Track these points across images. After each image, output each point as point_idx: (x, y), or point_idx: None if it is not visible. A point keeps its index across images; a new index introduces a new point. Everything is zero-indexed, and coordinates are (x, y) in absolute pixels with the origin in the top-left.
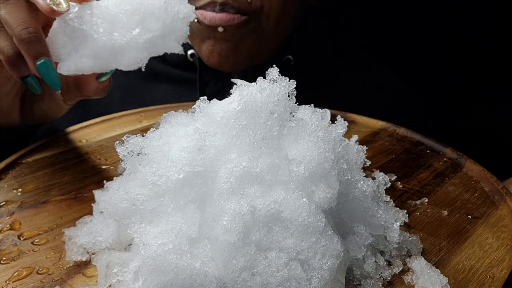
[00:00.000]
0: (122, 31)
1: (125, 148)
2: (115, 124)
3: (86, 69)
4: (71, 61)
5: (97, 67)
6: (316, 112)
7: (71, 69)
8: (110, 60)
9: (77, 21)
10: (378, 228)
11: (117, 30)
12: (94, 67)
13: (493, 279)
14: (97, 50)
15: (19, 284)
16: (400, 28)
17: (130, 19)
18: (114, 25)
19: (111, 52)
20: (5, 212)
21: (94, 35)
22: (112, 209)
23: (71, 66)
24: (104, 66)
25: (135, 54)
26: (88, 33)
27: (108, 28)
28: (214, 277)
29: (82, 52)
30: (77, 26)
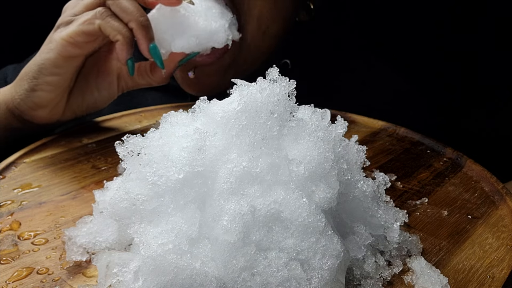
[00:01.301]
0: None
1: (125, 148)
2: (115, 124)
3: (192, 48)
4: (182, 40)
5: (200, 46)
6: (316, 112)
7: (184, 47)
8: (208, 41)
9: (180, 11)
10: (378, 228)
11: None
12: (197, 46)
13: (493, 279)
14: (200, 33)
15: (19, 284)
16: (400, 28)
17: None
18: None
19: (209, 35)
20: (5, 212)
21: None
22: (112, 209)
23: (184, 44)
24: (202, 46)
25: (225, 34)
26: (193, 20)
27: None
28: (214, 277)
29: (190, 33)
30: (180, 15)
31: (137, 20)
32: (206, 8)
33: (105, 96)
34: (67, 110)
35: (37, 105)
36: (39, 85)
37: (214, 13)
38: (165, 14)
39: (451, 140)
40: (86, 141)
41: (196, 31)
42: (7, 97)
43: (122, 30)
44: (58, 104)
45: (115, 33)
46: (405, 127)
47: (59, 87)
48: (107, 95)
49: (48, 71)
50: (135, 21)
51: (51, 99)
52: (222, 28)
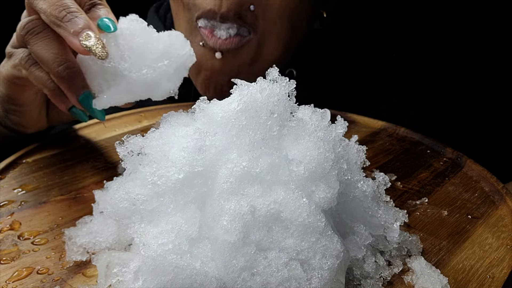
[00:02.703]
0: (152, 65)
1: (125, 148)
2: (115, 124)
3: (121, 103)
4: (106, 97)
5: (132, 99)
6: (316, 112)
7: (108, 105)
8: (144, 94)
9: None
10: (378, 228)
11: (146, 64)
12: (129, 100)
13: (493, 279)
14: (130, 87)
15: (19, 284)
16: (401, 28)
17: (157, 49)
18: (143, 58)
19: (144, 87)
20: (5, 212)
21: (124, 72)
22: (112, 209)
23: (107, 102)
24: (138, 98)
25: (167, 85)
26: (118, 70)
27: (137, 61)
28: (214, 277)
29: (116, 88)
30: (105, 64)
31: (55, 71)
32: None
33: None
34: (49, 120)
35: (17, 125)
36: (9, 111)
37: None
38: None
39: (451, 140)
40: (86, 141)
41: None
42: None
43: (46, 83)
44: (38, 119)
45: (40, 86)
46: (405, 127)
47: (27, 112)
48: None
49: (7, 102)
50: (52, 73)
51: (26, 121)
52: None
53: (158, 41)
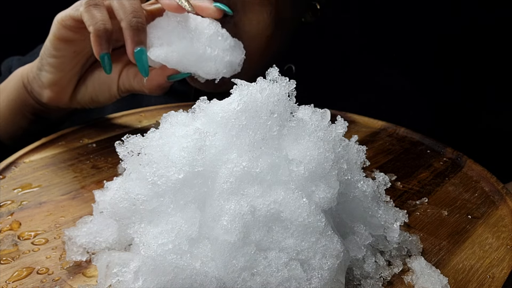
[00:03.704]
0: (215, 48)
1: (125, 148)
2: (115, 124)
3: (171, 63)
4: (163, 50)
5: (180, 65)
6: (316, 112)
7: (160, 57)
8: (193, 65)
9: (184, 24)
10: (378, 228)
11: (211, 46)
12: (178, 64)
13: (493, 279)
14: (188, 52)
15: (19, 284)
16: (401, 28)
17: (224, 42)
18: (211, 42)
19: (198, 59)
20: (5, 212)
21: (191, 41)
22: (112, 209)
23: (161, 54)
24: (186, 66)
25: (216, 66)
26: (187, 37)
27: (205, 41)
28: (214, 277)
29: (175, 47)
30: (181, 28)
31: (128, 20)
32: (214, 33)
33: (105, 93)
34: (73, 97)
35: (43, 85)
36: (43, 65)
37: (219, 41)
38: (168, 23)
39: (451, 140)
40: (86, 141)
41: (183, 48)
42: (24, 72)
43: (95, 22)
44: (64, 88)
45: (88, 23)
46: (405, 127)
47: (59, 69)
48: (107, 93)
49: (48, 52)
50: (125, 20)
51: (54, 81)
52: (217, 60)
53: (224, 36)
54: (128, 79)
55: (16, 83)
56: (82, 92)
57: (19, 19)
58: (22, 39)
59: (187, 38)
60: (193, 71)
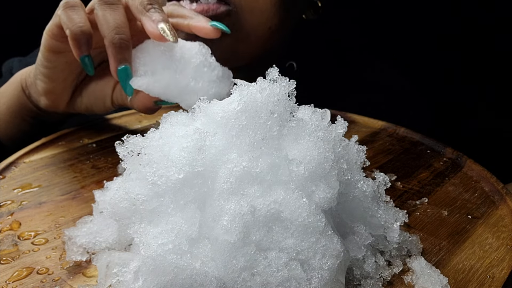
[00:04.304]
0: (200, 80)
1: (125, 148)
2: (115, 124)
3: (153, 93)
4: (145, 81)
5: (163, 95)
6: (316, 112)
7: (142, 87)
8: (176, 96)
9: (168, 54)
10: (378, 228)
11: (196, 78)
12: (160, 94)
13: (493, 279)
14: (171, 83)
15: (19, 284)
16: (401, 28)
17: (211, 73)
18: (196, 73)
19: (181, 91)
20: (5, 212)
21: (175, 72)
22: (112, 209)
23: (143, 84)
24: (168, 97)
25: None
26: (171, 67)
27: (190, 73)
28: (214, 277)
29: (158, 78)
30: (165, 58)
31: (111, 37)
32: (200, 62)
33: (100, 105)
34: (69, 105)
35: (39, 92)
36: (37, 74)
37: (205, 72)
38: (154, 49)
39: (451, 140)
40: (86, 141)
41: (165, 79)
42: (23, 77)
43: (72, 25)
44: (60, 96)
45: (65, 26)
46: (405, 127)
47: (52, 79)
48: (102, 105)
49: (41, 63)
50: (108, 37)
51: (48, 90)
52: (200, 93)
53: (212, 66)
54: (121, 94)
55: (16, 87)
56: (78, 102)
57: (20, 19)
58: (23, 40)
59: (171, 68)
60: (175, 102)
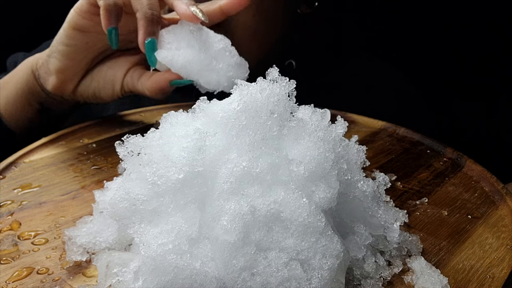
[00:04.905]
0: (221, 61)
1: (125, 148)
2: (115, 124)
3: (175, 66)
4: (170, 53)
5: (184, 70)
6: (316, 112)
7: (166, 59)
8: (197, 72)
9: (195, 34)
10: (378, 228)
11: (217, 59)
12: (181, 69)
13: (493, 279)
14: (194, 60)
15: (19, 284)
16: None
17: (231, 58)
18: (218, 55)
19: (202, 68)
20: (5, 212)
21: (199, 50)
22: (112, 209)
23: (167, 56)
24: (189, 73)
25: (218, 78)
26: (196, 46)
27: (212, 54)
28: (214, 277)
29: (182, 53)
30: (192, 37)
31: (144, 11)
32: (223, 47)
33: (109, 90)
34: (76, 89)
35: (50, 71)
36: (53, 52)
37: (226, 56)
38: (181, 30)
39: (451, 140)
40: (86, 141)
41: (189, 55)
42: (34, 59)
43: None
44: (69, 78)
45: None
46: (405, 127)
47: (68, 58)
48: (110, 90)
49: (61, 40)
50: (141, 11)
51: (61, 68)
52: (220, 72)
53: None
54: (132, 80)
55: (26, 69)
56: (86, 85)
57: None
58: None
59: (196, 47)
60: (195, 79)
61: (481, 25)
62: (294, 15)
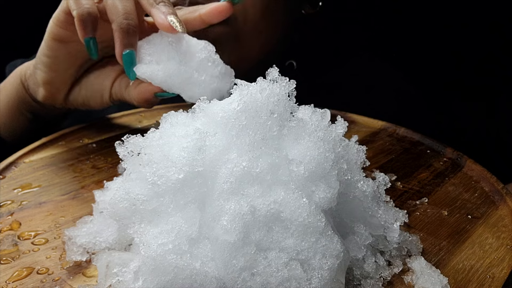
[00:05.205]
0: (203, 73)
1: (125, 148)
2: (115, 124)
3: (155, 81)
4: (149, 68)
5: (165, 85)
6: (316, 112)
7: (145, 74)
8: (178, 86)
9: (174, 45)
10: (378, 228)
11: (199, 71)
12: (162, 83)
13: (493, 279)
14: (174, 73)
15: (19, 284)
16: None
17: (214, 69)
18: (200, 66)
19: (183, 82)
20: (5, 212)
21: (179, 63)
22: (112, 209)
23: (147, 71)
24: (170, 87)
25: (200, 91)
26: (176, 58)
27: (194, 65)
28: (214, 277)
29: (162, 67)
30: (171, 49)
31: (119, 22)
32: (205, 57)
33: (97, 98)
34: (67, 98)
35: (38, 83)
36: (37, 63)
37: (209, 67)
38: (161, 40)
39: (451, 140)
40: (86, 141)
41: (169, 69)
42: (23, 70)
43: (79, 7)
44: (58, 88)
45: (73, 8)
46: (405, 127)
47: (52, 69)
48: (99, 99)
49: (43, 52)
50: (116, 22)
51: (47, 80)
52: (202, 85)
53: (216, 63)
54: (120, 88)
55: (15, 80)
56: (75, 94)
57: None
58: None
59: (176, 59)
60: (177, 93)
61: (481, 25)
62: (296, 16)
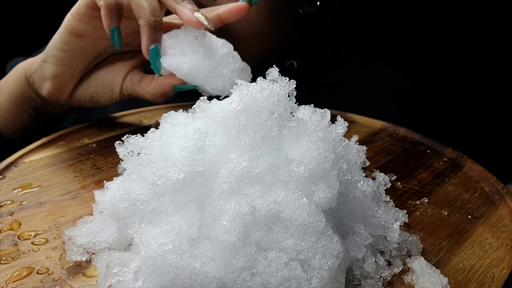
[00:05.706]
0: (226, 67)
1: (125, 148)
2: (115, 124)
3: (181, 73)
4: (175, 59)
5: (190, 77)
6: (316, 112)
7: (172, 66)
8: (202, 78)
9: (200, 40)
10: (378, 228)
11: (222, 65)
12: (187, 75)
13: (493, 279)
14: (199, 66)
15: (19, 284)
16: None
17: (234, 64)
18: (222, 61)
19: (207, 74)
20: (5, 212)
21: (204, 56)
22: (112, 209)
23: (173, 62)
24: (195, 79)
25: (223, 84)
26: (201, 52)
27: (217, 59)
28: (214, 277)
29: (188, 59)
30: (196, 43)
31: (147, 18)
32: (226, 53)
33: (107, 94)
34: (72, 94)
35: (45, 77)
36: (48, 57)
37: (230, 61)
38: (185, 35)
39: (451, 140)
40: (86, 141)
41: (195, 61)
42: (27, 65)
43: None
44: (65, 84)
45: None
46: (405, 127)
47: (63, 63)
48: (109, 94)
49: (56, 45)
50: (144, 18)
51: (56, 74)
52: (225, 78)
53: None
54: (132, 83)
55: (19, 75)
56: (83, 90)
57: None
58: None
59: (201, 52)
60: (200, 85)
61: (481, 25)
62: (295, 15)
